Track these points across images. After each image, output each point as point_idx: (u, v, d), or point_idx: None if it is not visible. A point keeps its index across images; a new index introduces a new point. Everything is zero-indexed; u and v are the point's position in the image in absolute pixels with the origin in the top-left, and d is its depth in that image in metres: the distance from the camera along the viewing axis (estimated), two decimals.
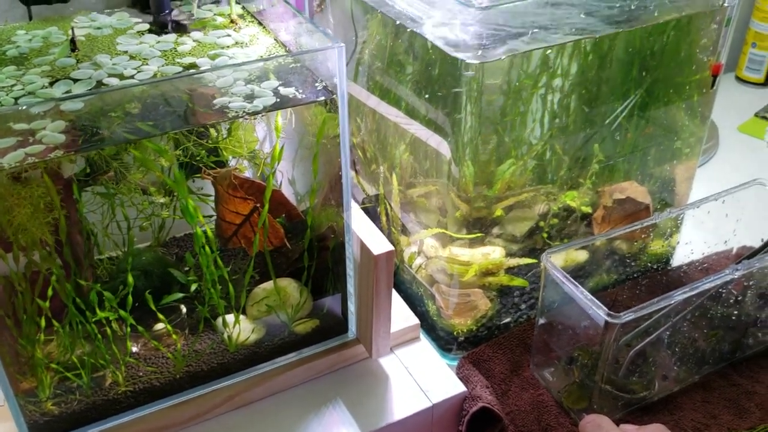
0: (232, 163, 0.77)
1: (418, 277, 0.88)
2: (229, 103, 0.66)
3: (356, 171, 0.99)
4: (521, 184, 0.84)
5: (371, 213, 0.98)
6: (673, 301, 0.72)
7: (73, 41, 0.75)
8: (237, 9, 0.83)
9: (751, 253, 0.80)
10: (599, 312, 0.70)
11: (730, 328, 0.82)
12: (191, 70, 0.69)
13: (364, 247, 0.73)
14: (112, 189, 0.71)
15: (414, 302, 0.89)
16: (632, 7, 0.75)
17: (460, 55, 0.67)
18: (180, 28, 0.80)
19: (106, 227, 0.75)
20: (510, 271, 0.86)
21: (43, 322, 0.66)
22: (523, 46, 0.70)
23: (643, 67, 0.83)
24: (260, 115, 0.66)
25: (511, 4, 0.67)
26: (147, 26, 0.79)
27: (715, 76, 0.85)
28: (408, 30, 0.75)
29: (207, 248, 0.70)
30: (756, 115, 1.33)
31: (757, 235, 0.91)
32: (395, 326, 0.81)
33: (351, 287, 0.77)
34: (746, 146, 1.26)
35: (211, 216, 0.76)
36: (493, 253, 0.84)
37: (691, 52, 0.86)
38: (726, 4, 0.81)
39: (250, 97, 0.66)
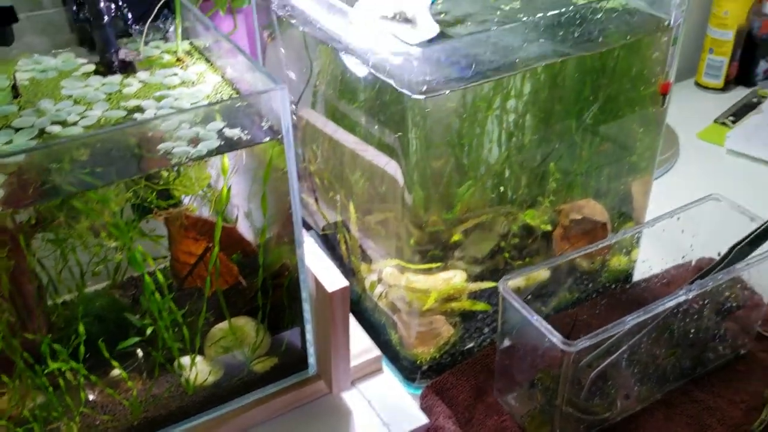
0: (186, 201, 0.76)
1: (380, 305, 0.88)
2: (173, 148, 0.65)
3: (315, 199, 0.99)
4: (481, 205, 0.84)
5: (332, 240, 0.98)
6: (627, 326, 0.72)
7: (15, 87, 0.74)
8: (184, 45, 0.82)
9: (707, 270, 0.81)
10: (554, 339, 0.70)
11: (689, 345, 0.83)
12: (129, 122, 0.68)
13: (318, 284, 0.73)
14: (62, 235, 0.70)
15: (377, 331, 0.89)
16: (576, 35, 0.75)
17: (405, 91, 0.67)
18: (127, 67, 0.79)
19: (59, 272, 0.74)
20: (472, 295, 0.86)
21: None
22: (467, 80, 0.70)
23: (595, 85, 0.83)
24: (204, 160, 0.65)
25: (453, 40, 0.67)
26: (93, 67, 0.79)
27: (664, 95, 0.85)
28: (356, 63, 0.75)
29: (157, 294, 0.69)
30: (715, 121, 1.34)
31: (714, 248, 0.91)
32: (356, 359, 0.81)
33: (308, 323, 0.77)
34: (706, 153, 1.27)
35: (166, 257, 0.76)
36: (455, 277, 0.84)
37: (641, 69, 0.86)
38: (671, 24, 0.81)
39: (194, 141, 0.66)
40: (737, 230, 0.83)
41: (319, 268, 0.74)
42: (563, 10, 0.72)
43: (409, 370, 0.86)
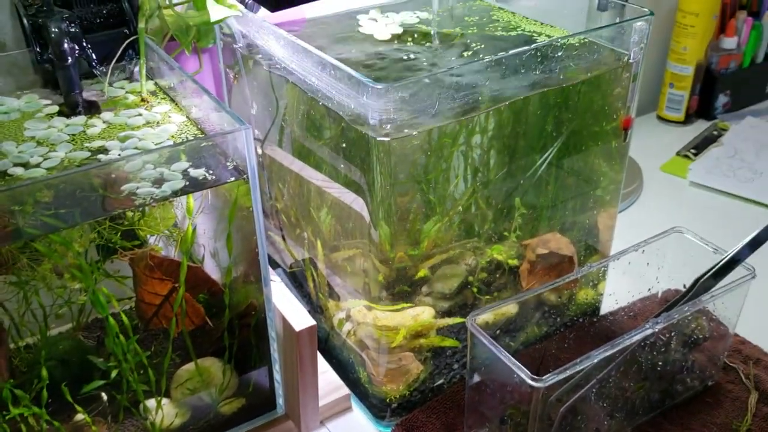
0: (151, 241, 0.76)
1: (348, 343, 0.88)
2: (137, 189, 0.65)
3: (282, 236, 0.99)
4: (447, 241, 0.85)
5: (299, 278, 0.98)
6: (595, 360, 0.72)
7: None
8: (149, 85, 0.82)
9: (672, 302, 0.82)
10: (523, 375, 0.70)
11: (658, 378, 0.83)
12: (93, 163, 0.68)
13: (286, 323, 0.73)
14: (25, 278, 0.69)
15: (346, 368, 0.89)
16: (537, 72, 0.76)
17: (368, 132, 0.68)
18: (91, 108, 0.79)
19: (22, 315, 0.73)
20: (441, 331, 0.86)
21: None
22: (431, 119, 0.71)
23: (558, 120, 0.85)
24: (168, 200, 0.65)
25: (415, 79, 0.68)
26: (56, 108, 0.78)
27: (626, 130, 0.87)
28: (320, 103, 0.76)
29: (121, 336, 0.68)
30: (677, 154, 1.36)
31: (680, 280, 0.93)
32: (325, 398, 0.80)
33: (276, 363, 0.76)
34: (669, 185, 1.29)
35: (131, 297, 0.75)
36: (423, 314, 0.84)
37: (603, 104, 0.88)
38: (631, 60, 0.83)
39: (159, 181, 0.66)
40: (701, 262, 0.84)
41: (286, 306, 0.74)
42: (524, 48, 0.74)
43: (378, 408, 0.85)
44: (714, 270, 0.81)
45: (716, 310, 0.86)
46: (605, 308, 0.97)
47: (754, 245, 0.80)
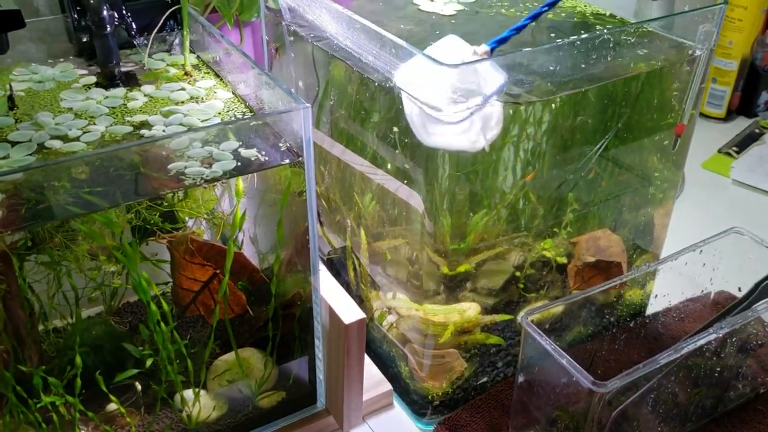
0: (190, 224, 0.72)
1: (389, 336, 0.84)
2: (186, 168, 0.60)
3: (320, 222, 0.95)
4: (494, 235, 0.81)
5: (337, 266, 0.94)
6: (658, 365, 0.68)
7: (11, 98, 0.70)
8: (191, 59, 0.78)
9: (731, 306, 0.78)
10: (584, 380, 0.66)
11: (712, 384, 0.80)
12: (142, 139, 0.64)
13: (333, 315, 0.69)
14: (58, 258, 0.65)
15: (385, 362, 0.85)
16: (608, 59, 0.72)
17: (440, 117, 0.63)
18: (130, 80, 0.75)
19: (52, 297, 0.69)
20: (485, 328, 0.82)
21: None
22: (498, 103, 0.66)
23: (617, 113, 0.80)
24: (220, 182, 0.61)
25: (485, 60, 0.64)
26: (94, 79, 0.74)
27: (678, 136, 0.83)
28: (375, 83, 0.71)
29: (162, 325, 0.64)
30: (719, 151, 1.32)
31: (734, 283, 0.89)
32: (367, 393, 0.77)
33: (319, 356, 0.72)
34: (712, 184, 1.25)
35: (167, 282, 0.71)
36: (469, 310, 0.80)
37: (663, 98, 0.84)
38: (698, 54, 0.78)
39: (207, 161, 0.61)
40: (759, 265, 0.80)
41: (334, 297, 0.70)
42: (597, 32, 0.69)
43: (419, 405, 0.81)
44: None
45: None
46: (655, 308, 0.93)
47: None
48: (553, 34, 0.82)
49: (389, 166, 0.75)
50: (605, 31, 0.70)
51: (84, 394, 0.65)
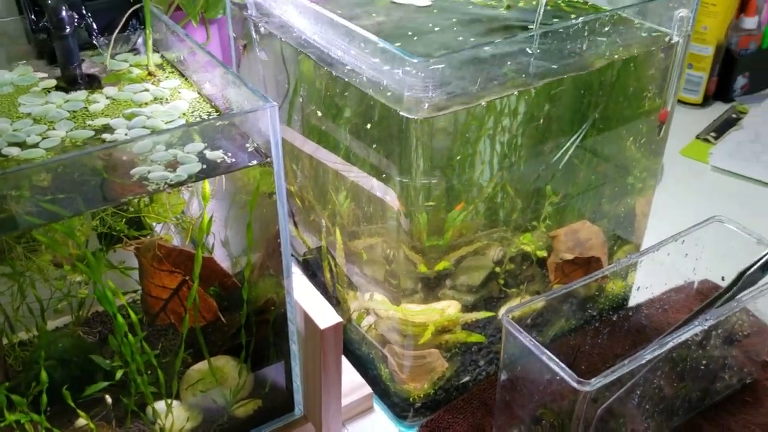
0: (158, 229, 0.69)
1: (368, 338, 0.82)
2: (149, 173, 0.58)
3: (295, 223, 0.92)
4: (473, 230, 0.79)
5: (313, 267, 0.92)
6: (643, 360, 0.67)
7: None
8: (155, 58, 0.75)
9: (715, 297, 0.76)
10: (568, 378, 0.64)
11: (699, 376, 0.78)
12: (103, 144, 0.61)
13: (308, 319, 0.67)
14: (20, 268, 0.63)
15: (365, 365, 0.83)
16: (583, 48, 0.70)
17: (403, 112, 0.61)
18: (92, 82, 0.72)
19: (16, 310, 0.66)
20: (466, 326, 0.80)
21: None
22: (470, 98, 0.64)
23: (592, 103, 0.79)
24: (185, 186, 0.58)
25: (456, 54, 0.62)
26: (54, 82, 0.71)
27: (662, 123, 0.81)
28: (344, 79, 0.69)
29: (130, 336, 0.62)
30: (697, 137, 1.31)
31: (717, 272, 0.88)
32: (346, 398, 0.75)
33: (296, 362, 0.70)
34: (690, 170, 1.24)
35: (136, 290, 0.68)
36: (449, 308, 0.79)
37: (639, 86, 0.82)
38: (674, 40, 0.77)
39: (172, 165, 0.59)
40: (742, 253, 0.79)
41: (309, 302, 0.68)
42: (571, 22, 0.68)
43: (400, 408, 0.79)
44: (762, 262, 0.76)
45: (756, 305, 0.81)
46: (638, 300, 0.91)
47: None
48: (528, 24, 0.80)
49: (363, 162, 0.73)
50: (580, 20, 0.69)
51: (52, 410, 0.63)
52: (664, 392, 0.77)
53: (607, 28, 0.71)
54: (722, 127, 1.33)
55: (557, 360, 0.66)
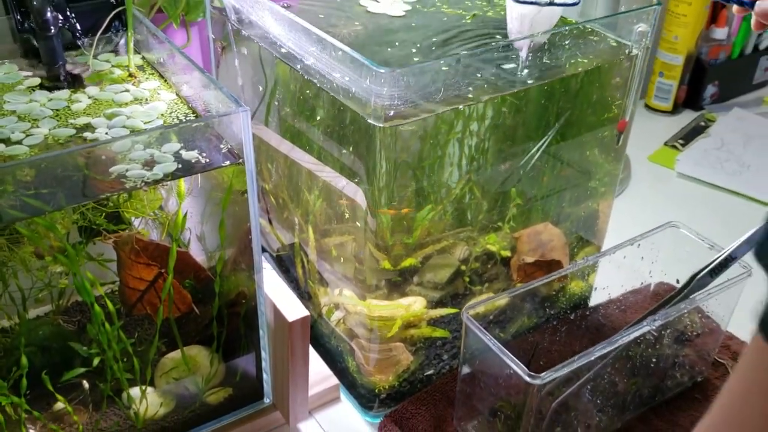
0: (136, 224, 0.73)
1: (337, 331, 0.85)
2: (127, 171, 0.61)
3: (269, 219, 0.96)
4: (440, 230, 0.83)
5: (286, 262, 0.95)
6: (593, 357, 0.71)
7: None
8: (136, 60, 0.78)
9: (667, 299, 0.80)
10: (520, 371, 0.68)
11: (649, 373, 0.82)
12: (83, 144, 0.64)
13: (277, 312, 0.70)
14: (2, 259, 0.66)
15: (334, 357, 0.87)
16: (545, 60, 0.74)
17: (370, 118, 0.65)
18: (75, 81, 0.75)
19: None
20: (431, 321, 0.84)
21: None
22: (435, 105, 0.68)
23: (557, 110, 0.83)
24: (161, 184, 0.62)
25: (421, 64, 0.65)
26: (38, 81, 0.74)
27: (620, 132, 0.85)
28: (317, 84, 0.73)
29: (107, 325, 0.65)
30: (665, 144, 1.35)
31: (672, 275, 0.92)
32: (314, 388, 0.78)
33: (265, 352, 0.74)
34: (657, 176, 1.28)
35: (114, 282, 0.72)
36: (415, 303, 0.82)
37: (603, 95, 0.86)
38: (634, 53, 0.81)
39: (149, 163, 0.62)
40: (696, 258, 0.83)
41: (278, 295, 0.71)
42: (531, 35, 0.71)
43: (366, 399, 0.83)
44: (711, 267, 0.80)
45: (708, 307, 0.85)
46: (597, 300, 0.95)
47: (751, 243, 0.79)
48: (498, 36, 0.84)
49: (334, 162, 0.76)
50: (549, 33, 0.72)
51: (32, 393, 0.66)
52: (616, 388, 0.81)
53: (567, 41, 0.75)
54: (690, 135, 1.38)
55: (511, 355, 0.69)
